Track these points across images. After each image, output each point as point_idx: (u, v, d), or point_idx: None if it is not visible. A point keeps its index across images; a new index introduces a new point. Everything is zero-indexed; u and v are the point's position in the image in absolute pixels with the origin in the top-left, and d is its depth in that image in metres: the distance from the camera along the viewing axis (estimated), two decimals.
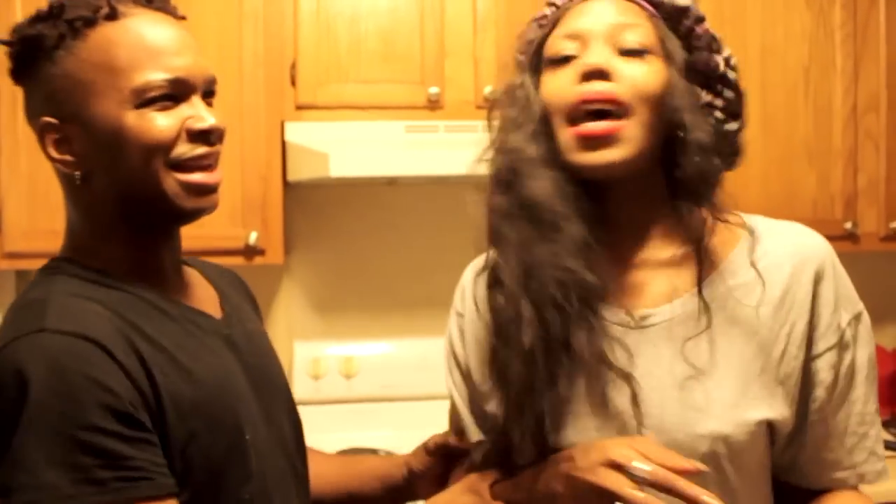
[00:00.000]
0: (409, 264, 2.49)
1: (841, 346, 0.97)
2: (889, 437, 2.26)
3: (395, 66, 2.14)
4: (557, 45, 0.97)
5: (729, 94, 1.02)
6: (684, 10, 1.00)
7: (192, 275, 1.08)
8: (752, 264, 0.97)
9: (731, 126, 1.02)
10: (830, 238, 2.34)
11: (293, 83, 2.11)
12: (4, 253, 2.03)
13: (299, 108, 2.12)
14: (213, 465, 0.91)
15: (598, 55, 0.93)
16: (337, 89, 2.12)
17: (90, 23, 0.92)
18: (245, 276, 2.45)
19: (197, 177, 0.94)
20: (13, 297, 2.28)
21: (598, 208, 0.97)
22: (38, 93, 0.95)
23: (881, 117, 2.32)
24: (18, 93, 2.17)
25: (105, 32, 0.92)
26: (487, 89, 2.14)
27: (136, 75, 0.91)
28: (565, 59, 0.96)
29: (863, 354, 0.99)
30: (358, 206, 2.48)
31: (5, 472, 0.81)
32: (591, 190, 0.97)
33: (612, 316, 0.98)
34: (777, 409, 0.96)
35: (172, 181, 0.92)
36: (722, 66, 1.01)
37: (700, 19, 1.01)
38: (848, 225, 2.30)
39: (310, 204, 2.46)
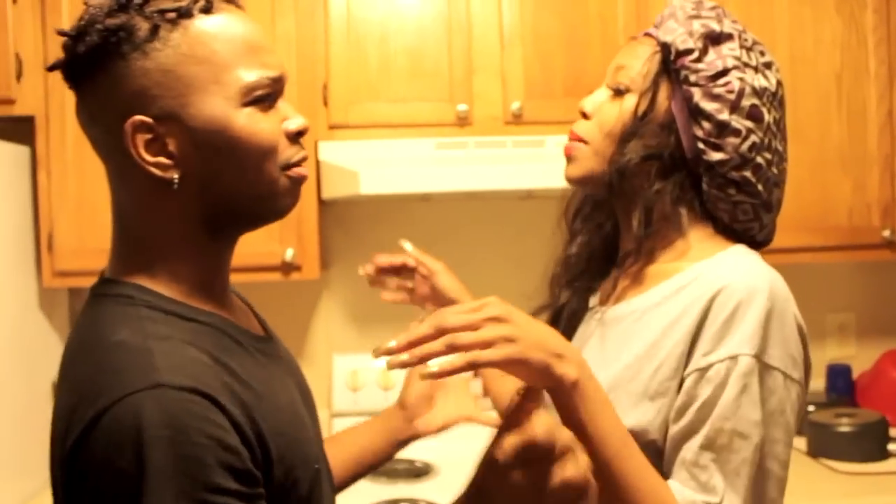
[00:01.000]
0: None
1: (700, 375, 0.97)
2: None
3: (424, 83, 2.19)
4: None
5: (707, 125, 1.06)
6: (666, 46, 1.09)
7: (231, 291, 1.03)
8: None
9: (714, 156, 1.06)
10: (868, 247, 2.34)
11: (325, 103, 2.17)
12: (56, 271, 2.13)
13: (332, 127, 2.18)
14: (299, 497, 0.88)
15: (589, 98, 1.15)
16: (368, 108, 2.18)
17: (187, 14, 0.85)
18: (285, 292, 2.54)
19: (301, 171, 0.92)
20: (66, 312, 2.38)
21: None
22: (119, 90, 0.84)
23: None
24: (66, 116, 2.28)
25: (202, 26, 0.85)
26: (515, 105, 2.17)
27: (242, 72, 0.85)
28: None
29: (723, 397, 0.95)
30: (394, 222, 2.53)
31: None
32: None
33: (593, 306, 1.20)
34: (637, 418, 1.00)
35: (285, 179, 0.89)
36: (696, 98, 1.06)
37: (683, 52, 1.07)
38: (886, 233, 2.26)
39: (347, 220, 2.52)
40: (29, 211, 2.18)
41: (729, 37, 1.08)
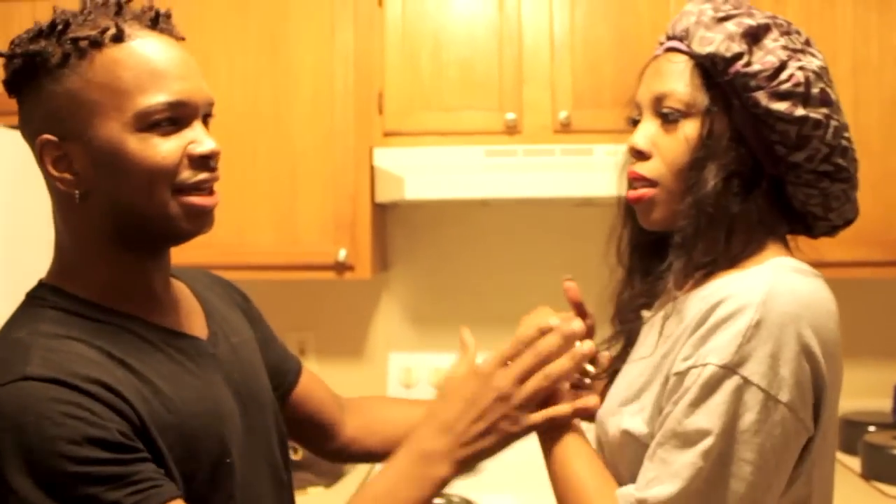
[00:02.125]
0: (498, 281, 2.59)
1: (679, 378, 0.95)
2: None
3: (475, 93, 2.25)
4: (631, 110, 1.13)
5: (783, 126, 0.99)
6: (710, 58, 1.00)
7: (180, 291, 1.08)
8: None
9: (798, 156, 1.00)
10: None
11: (380, 112, 2.27)
12: None
13: (386, 134, 2.27)
14: (197, 488, 0.92)
15: (639, 133, 1.06)
16: (420, 117, 2.26)
17: (96, 44, 0.90)
18: (348, 290, 2.65)
19: (199, 200, 0.95)
20: None
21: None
22: (37, 109, 0.93)
23: None
24: None
25: (111, 54, 0.91)
26: (563, 114, 2.21)
27: (140, 98, 0.90)
28: (635, 123, 1.10)
29: (684, 402, 0.93)
30: (453, 226, 2.60)
31: None
32: None
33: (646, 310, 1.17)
34: (636, 424, 1.00)
35: (176, 205, 0.93)
36: (765, 102, 0.98)
37: (732, 59, 0.99)
38: None
39: (408, 223, 2.61)
40: None
41: (767, 28, 1.01)
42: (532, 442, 1.17)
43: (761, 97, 0.98)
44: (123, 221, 0.94)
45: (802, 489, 0.97)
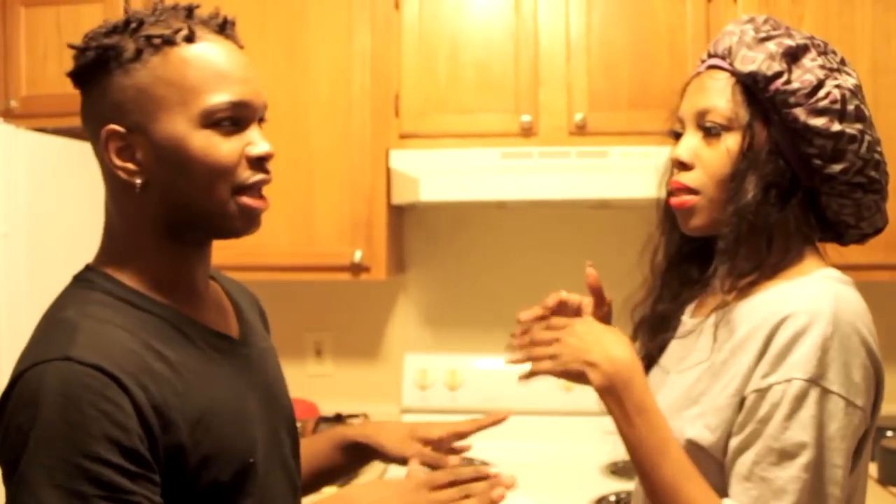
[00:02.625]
0: (514, 283, 2.59)
1: (760, 395, 1.00)
2: None
3: (491, 95, 2.26)
4: (673, 123, 1.17)
5: (820, 141, 1.05)
6: (752, 76, 1.07)
7: (216, 291, 1.11)
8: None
9: (835, 168, 1.06)
10: None
11: (397, 114, 2.29)
12: None
13: (403, 136, 2.29)
14: (220, 486, 0.94)
15: (682, 146, 1.12)
16: (437, 119, 2.28)
17: (170, 42, 0.95)
18: (364, 292, 2.67)
19: (253, 202, 0.98)
20: None
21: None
22: (104, 100, 0.96)
23: None
24: None
25: (181, 53, 0.95)
26: (578, 116, 2.21)
27: (206, 97, 0.94)
28: (677, 136, 1.15)
29: (776, 418, 0.98)
30: (471, 228, 2.61)
31: (13, 489, 0.84)
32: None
33: (687, 316, 1.22)
34: (697, 431, 1.05)
35: (234, 204, 0.97)
36: (803, 118, 1.04)
37: (773, 77, 1.05)
38: None
39: (427, 225, 2.62)
40: None
41: (805, 48, 1.08)
42: (544, 443, 1.19)
43: (800, 113, 1.05)
44: (178, 214, 0.97)
45: (856, 480, 1.06)
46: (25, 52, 2.36)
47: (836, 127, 1.04)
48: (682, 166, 1.11)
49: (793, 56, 1.06)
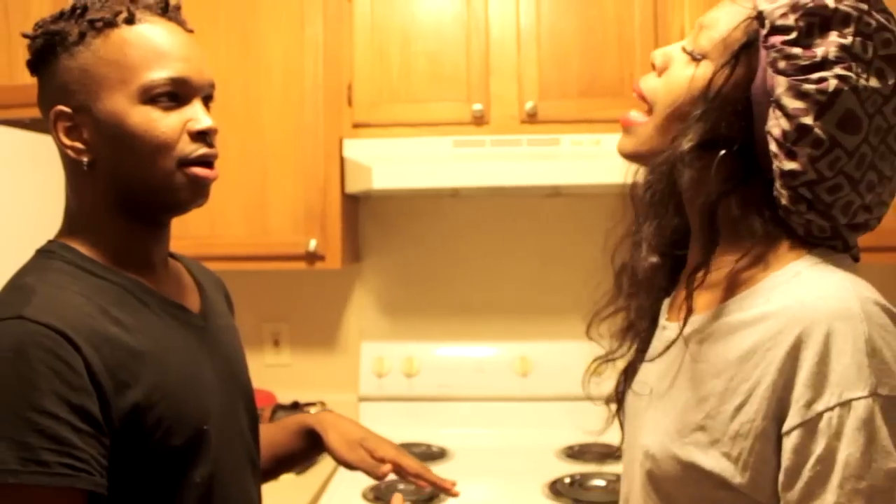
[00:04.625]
0: (468, 270, 2.62)
1: (809, 429, 0.81)
2: None
3: (443, 85, 2.28)
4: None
5: (785, 124, 0.86)
6: (762, 17, 0.89)
7: (177, 268, 1.16)
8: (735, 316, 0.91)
9: (786, 165, 0.87)
10: None
11: (350, 103, 2.30)
12: None
13: (356, 126, 2.30)
14: (174, 451, 0.97)
15: (660, 51, 0.98)
16: (389, 108, 2.29)
17: (110, 24, 0.99)
18: (321, 281, 2.68)
19: (201, 171, 1.01)
20: None
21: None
22: (53, 83, 1.01)
23: None
24: None
25: (122, 34, 1.00)
26: (529, 104, 2.24)
27: (144, 73, 0.99)
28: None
29: (844, 453, 0.79)
30: (425, 217, 2.63)
31: None
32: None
33: (662, 320, 1.04)
34: (716, 462, 0.87)
35: (180, 175, 1.00)
36: (780, 90, 0.87)
37: (778, 29, 0.88)
38: None
39: (380, 214, 2.64)
40: None
41: (845, 19, 0.86)
42: (501, 429, 1.20)
43: (781, 84, 0.87)
44: (126, 189, 1.01)
45: None
46: None
47: (807, 120, 0.85)
48: (653, 68, 0.98)
49: (824, 21, 0.86)
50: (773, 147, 0.88)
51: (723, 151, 0.89)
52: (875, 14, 0.87)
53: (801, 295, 0.86)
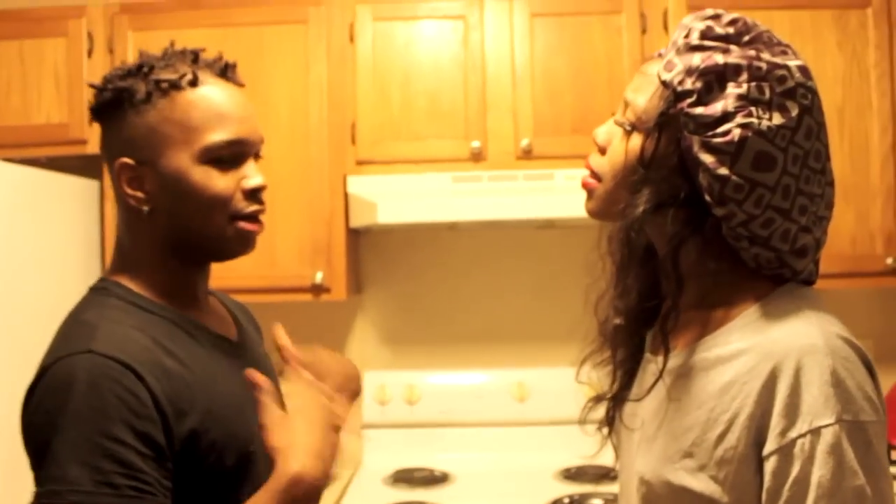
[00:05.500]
0: (466, 301, 2.71)
1: (785, 454, 0.90)
2: None
3: (442, 122, 2.39)
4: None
5: (706, 179, 0.94)
6: (666, 84, 0.97)
7: (215, 303, 1.24)
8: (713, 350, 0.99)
9: (718, 211, 0.96)
10: (871, 274, 2.38)
11: (353, 141, 2.40)
12: None
13: (359, 163, 2.40)
14: (225, 472, 1.05)
15: (602, 127, 1.06)
16: (391, 146, 2.39)
17: (176, 86, 1.07)
18: (324, 312, 2.77)
19: (249, 226, 1.10)
20: None
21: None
22: (119, 136, 1.09)
23: None
24: None
25: (186, 96, 1.07)
26: (524, 141, 2.35)
27: (206, 135, 1.06)
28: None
29: (816, 475, 0.88)
30: (423, 250, 2.73)
31: (45, 465, 0.94)
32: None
33: (647, 353, 1.12)
34: (705, 485, 0.95)
35: (231, 229, 1.09)
36: (696, 148, 0.94)
37: (681, 95, 0.95)
38: (889, 260, 2.33)
39: (381, 247, 2.73)
40: (97, 236, 2.49)
41: (736, 70, 0.93)
42: (500, 453, 1.25)
43: (694, 143, 0.95)
44: (180, 236, 1.09)
45: None
46: None
47: (723, 171, 0.93)
48: (599, 148, 1.06)
49: (718, 76, 0.94)
50: (706, 196, 0.95)
51: (671, 209, 0.97)
52: (764, 56, 0.94)
53: (771, 332, 0.94)
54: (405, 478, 2.42)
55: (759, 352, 0.94)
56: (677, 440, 0.98)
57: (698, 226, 0.98)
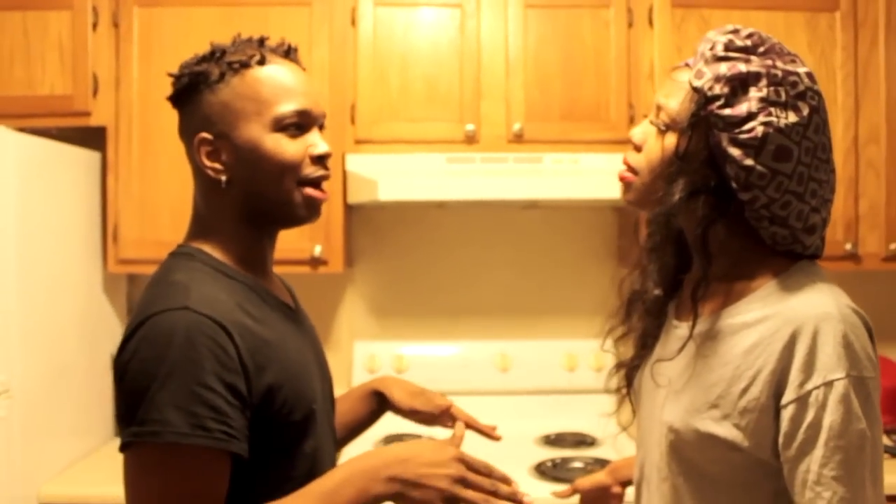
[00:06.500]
0: (453, 276, 2.85)
1: (801, 403, 1.05)
2: (889, 443, 2.45)
3: (438, 106, 2.51)
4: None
5: (734, 169, 1.10)
6: (697, 90, 1.12)
7: (274, 273, 1.32)
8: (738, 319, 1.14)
9: (744, 196, 1.11)
10: (832, 258, 2.57)
11: (353, 121, 2.50)
12: (119, 259, 2.50)
13: (358, 142, 2.51)
14: (293, 425, 1.14)
15: (638, 128, 1.22)
16: (389, 126, 2.51)
17: (246, 65, 1.16)
18: (317, 284, 2.89)
19: (316, 193, 1.19)
20: (125, 297, 2.74)
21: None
22: (197, 115, 1.18)
23: (882, 148, 2.53)
24: (133, 128, 2.62)
25: (255, 74, 1.16)
26: (516, 126, 2.48)
27: (275, 107, 1.15)
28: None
29: (828, 419, 1.04)
30: (413, 226, 2.85)
31: (143, 408, 1.02)
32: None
33: (672, 319, 1.27)
34: (728, 431, 1.10)
35: (298, 194, 1.17)
36: (724, 143, 1.10)
37: (712, 99, 1.10)
38: (848, 246, 2.52)
39: (373, 223, 2.85)
40: (98, 207, 2.55)
41: (757, 77, 1.10)
42: (484, 420, 1.37)
43: (723, 139, 1.10)
44: (254, 203, 1.18)
45: None
46: None
47: (748, 162, 1.09)
48: (634, 146, 1.21)
49: (742, 82, 1.10)
50: (733, 184, 1.11)
51: (703, 196, 1.13)
52: (779, 64, 1.11)
53: (791, 302, 1.10)
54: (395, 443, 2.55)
55: (781, 318, 1.09)
56: (705, 393, 1.13)
57: (725, 210, 1.13)
